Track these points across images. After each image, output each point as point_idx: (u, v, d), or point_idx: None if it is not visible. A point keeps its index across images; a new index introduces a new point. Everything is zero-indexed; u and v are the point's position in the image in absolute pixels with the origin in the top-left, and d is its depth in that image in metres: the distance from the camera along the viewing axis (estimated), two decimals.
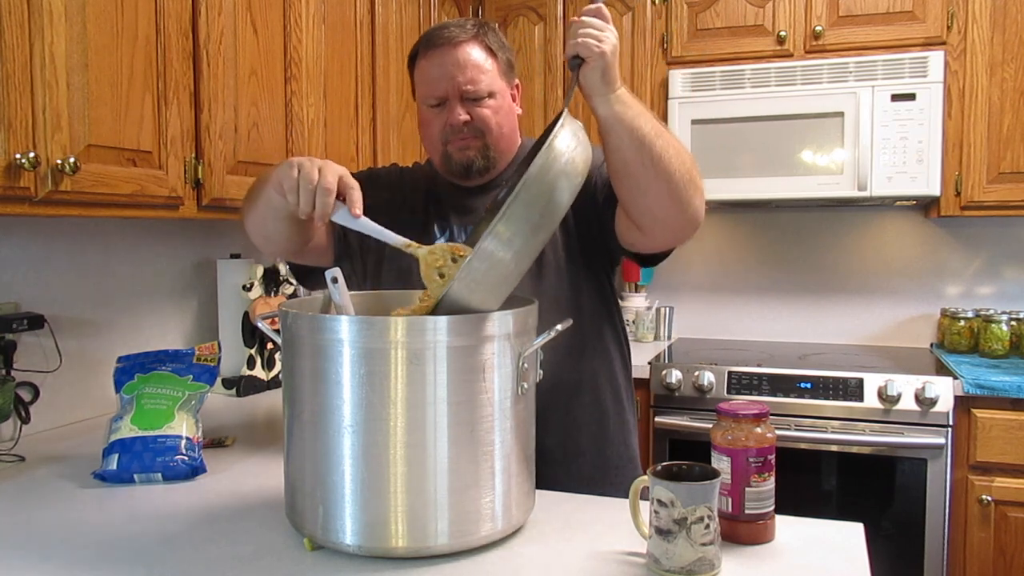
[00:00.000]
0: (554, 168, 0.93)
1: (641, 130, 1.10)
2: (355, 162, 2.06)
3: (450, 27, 1.30)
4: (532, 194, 0.92)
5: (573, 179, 0.96)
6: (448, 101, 1.28)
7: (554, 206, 0.94)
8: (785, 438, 2.20)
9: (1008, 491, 2.15)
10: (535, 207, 0.92)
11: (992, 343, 2.46)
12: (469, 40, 1.28)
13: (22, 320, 1.51)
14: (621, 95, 1.11)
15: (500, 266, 0.92)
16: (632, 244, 1.29)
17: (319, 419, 0.94)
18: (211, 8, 1.54)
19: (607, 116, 1.10)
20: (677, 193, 1.15)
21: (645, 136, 1.10)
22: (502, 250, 0.91)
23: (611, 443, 1.37)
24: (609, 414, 1.37)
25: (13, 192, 1.17)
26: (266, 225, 1.20)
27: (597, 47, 1.06)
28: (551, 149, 0.93)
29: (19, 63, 1.16)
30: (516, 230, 0.91)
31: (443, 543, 0.93)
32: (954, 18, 2.41)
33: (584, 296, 1.35)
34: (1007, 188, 2.38)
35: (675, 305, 3.06)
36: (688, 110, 2.60)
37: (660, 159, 1.11)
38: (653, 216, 1.19)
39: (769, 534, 1.00)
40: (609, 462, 1.37)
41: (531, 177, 0.91)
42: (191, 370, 1.40)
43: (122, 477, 1.25)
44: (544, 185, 0.93)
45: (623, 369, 1.42)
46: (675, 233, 1.24)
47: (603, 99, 1.10)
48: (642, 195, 1.16)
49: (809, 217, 2.92)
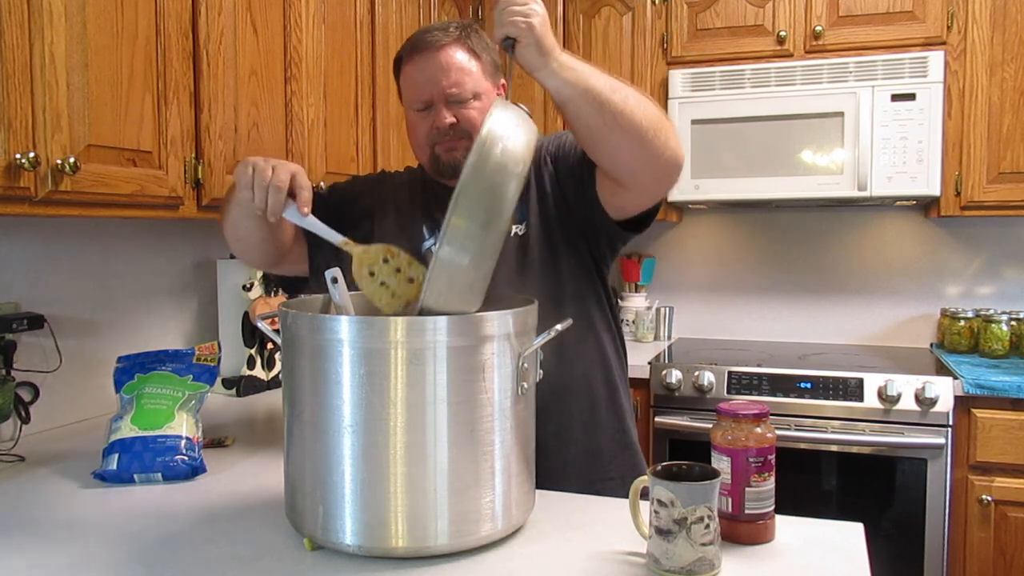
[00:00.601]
0: (489, 163, 0.92)
1: (595, 90, 1.09)
2: (355, 162, 2.06)
3: (433, 31, 1.31)
4: (472, 197, 0.91)
5: (513, 168, 0.93)
6: (434, 104, 1.29)
7: (499, 200, 0.92)
8: (785, 438, 2.20)
9: (1008, 491, 2.15)
10: (479, 208, 0.91)
11: (992, 343, 2.46)
12: (452, 43, 1.29)
13: (22, 320, 1.51)
14: (564, 61, 1.09)
15: (461, 274, 0.92)
16: (622, 207, 1.28)
17: (319, 419, 0.94)
18: (211, 8, 1.54)
19: (558, 87, 1.09)
20: (650, 141, 1.13)
21: (601, 94, 1.09)
22: (458, 257, 0.91)
23: (604, 430, 1.36)
24: (600, 400, 1.36)
25: (13, 192, 1.17)
26: (237, 225, 1.25)
27: (524, 22, 1.05)
28: (480, 145, 0.92)
29: (19, 63, 1.16)
30: (466, 235, 0.91)
31: (443, 543, 0.93)
32: (954, 18, 2.41)
33: (568, 284, 1.34)
34: (1007, 188, 2.38)
35: (675, 305, 3.06)
36: (688, 110, 2.60)
37: (623, 113, 1.10)
38: (632, 170, 1.18)
39: (769, 534, 1.00)
40: (602, 450, 1.36)
41: (465, 180, 0.90)
42: (191, 370, 1.40)
43: (122, 477, 1.25)
44: (483, 183, 0.91)
45: (615, 354, 1.40)
46: (659, 180, 1.22)
47: (547, 72, 1.08)
48: (616, 153, 1.15)
49: (809, 217, 2.92)
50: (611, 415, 1.38)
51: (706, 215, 3.05)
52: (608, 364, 1.39)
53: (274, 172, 1.08)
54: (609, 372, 1.38)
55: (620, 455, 1.38)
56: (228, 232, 1.29)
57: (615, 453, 1.38)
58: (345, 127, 2.03)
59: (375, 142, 2.15)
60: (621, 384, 1.42)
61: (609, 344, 1.39)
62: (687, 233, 3.08)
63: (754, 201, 2.62)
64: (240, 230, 1.26)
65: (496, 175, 0.92)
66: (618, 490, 1.34)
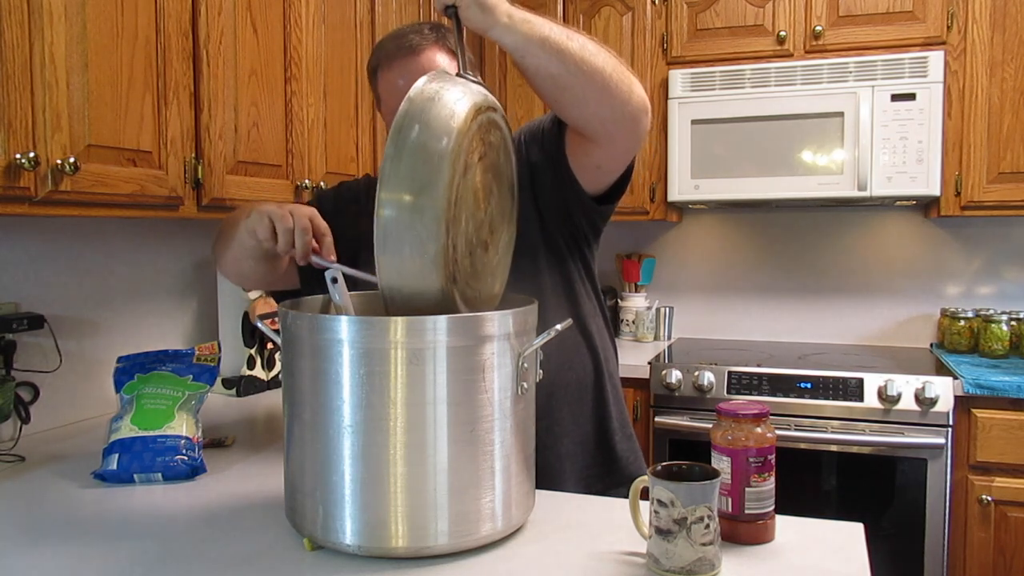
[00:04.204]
0: (412, 130, 0.91)
1: (551, 38, 1.07)
2: (355, 162, 2.06)
3: (408, 35, 1.29)
4: (392, 180, 0.91)
5: (435, 145, 0.91)
6: None
7: (427, 182, 0.91)
8: (785, 438, 2.20)
9: (1008, 491, 2.15)
10: (403, 187, 0.91)
11: (992, 343, 2.46)
12: (430, 46, 1.27)
13: (22, 320, 1.51)
14: (515, 15, 1.06)
15: (407, 268, 0.92)
16: (598, 165, 1.25)
17: (319, 419, 0.94)
18: (211, 8, 1.54)
19: (515, 41, 1.06)
20: (615, 86, 1.12)
21: (559, 42, 1.07)
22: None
23: (597, 422, 1.35)
24: (589, 392, 1.34)
25: (13, 192, 1.17)
26: (241, 265, 1.28)
27: None
28: (400, 116, 0.91)
29: (19, 63, 1.16)
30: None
31: (443, 543, 0.93)
32: (954, 18, 2.41)
33: (545, 275, 1.32)
34: (1007, 188, 2.38)
35: (675, 305, 3.06)
36: (688, 110, 2.60)
37: (584, 60, 1.08)
38: (603, 119, 1.16)
39: (769, 534, 1.00)
40: (597, 442, 1.35)
41: (385, 160, 0.91)
42: (191, 370, 1.40)
43: (122, 477, 1.25)
44: (403, 165, 0.91)
45: (599, 338, 1.38)
46: (630, 128, 1.19)
47: (500, 28, 1.05)
48: (583, 103, 1.13)
49: (809, 217, 2.92)
50: (603, 407, 1.36)
51: (706, 215, 3.05)
52: (596, 353, 1.36)
53: (294, 216, 1.10)
54: (599, 364, 1.36)
55: (620, 443, 1.37)
56: (228, 268, 1.33)
57: (615, 440, 1.36)
58: (345, 127, 2.03)
59: (375, 142, 2.15)
60: (609, 371, 1.39)
61: (597, 336, 1.37)
62: (687, 233, 3.08)
63: (754, 201, 2.62)
64: (244, 269, 1.30)
65: (416, 155, 0.91)
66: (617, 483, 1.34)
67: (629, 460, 1.38)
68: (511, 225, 1.15)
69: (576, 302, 1.36)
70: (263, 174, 1.71)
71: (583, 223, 1.35)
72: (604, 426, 1.37)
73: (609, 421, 1.37)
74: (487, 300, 1.07)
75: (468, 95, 0.96)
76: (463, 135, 0.93)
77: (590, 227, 1.37)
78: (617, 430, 1.38)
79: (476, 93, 0.98)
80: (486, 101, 0.99)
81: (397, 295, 0.94)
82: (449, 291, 0.95)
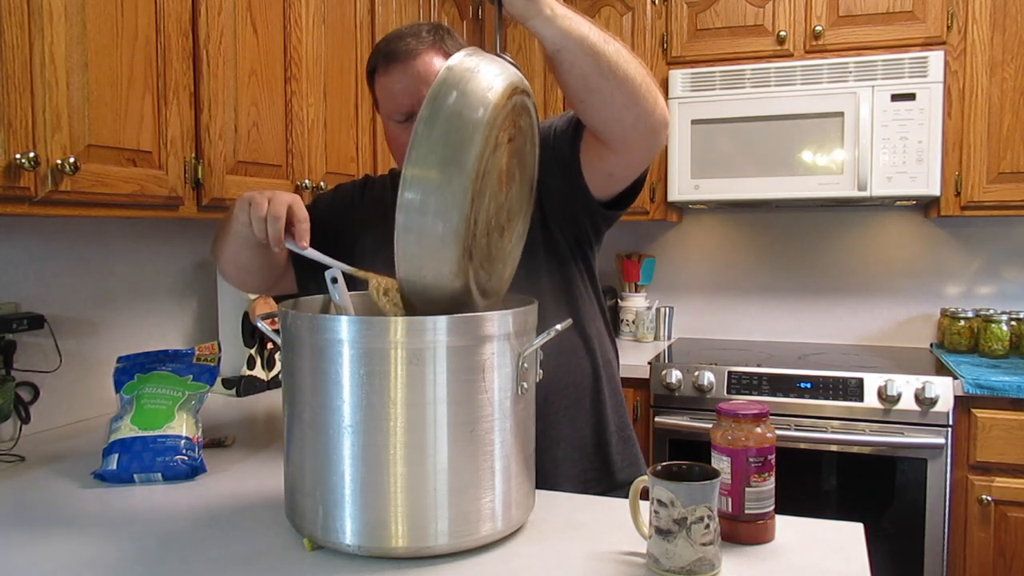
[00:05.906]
0: (442, 112, 0.89)
1: (590, 39, 1.07)
2: (355, 162, 2.06)
3: (406, 37, 1.28)
4: (423, 147, 0.89)
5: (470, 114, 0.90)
6: (415, 114, 1.27)
7: (458, 147, 0.89)
8: (785, 438, 2.20)
9: (1008, 491, 2.15)
10: (433, 156, 0.89)
11: (992, 343, 2.46)
12: (428, 49, 1.26)
13: (22, 320, 1.51)
14: (557, 9, 1.05)
15: (427, 226, 0.90)
16: (611, 173, 1.25)
17: (319, 419, 0.94)
18: (211, 8, 1.54)
19: (553, 35, 1.05)
20: (643, 96, 1.12)
21: (596, 44, 1.07)
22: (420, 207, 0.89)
23: (594, 423, 1.34)
24: (586, 393, 1.34)
25: (13, 192, 1.17)
26: (240, 257, 1.30)
27: None
28: (431, 95, 0.90)
29: (19, 63, 1.16)
30: (425, 185, 0.89)
31: (443, 543, 0.93)
32: (954, 18, 2.41)
33: (545, 276, 1.31)
34: (1007, 188, 2.38)
35: (675, 305, 3.06)
36: (688, 110, 2.60)
37: (618, 64, 1.08)
38: (625, 125, 1.16)
39: (769, 534, 1.00)
40: (595, 443, 1.34)
41: (417, 130, 0.89)
42: (191, 370, 1.40)
43: (122, 477, 1.25)
44: (436, 131, 0.89)
45: (599, 341, 1.37)
46: (650, 138, 1.19)
47: (541, 19, 1.03)
48: (610, 106, 1.13)
49: (809, 217, 2.92)
50: (600, 411, 1.35)
51: (706, 215, 3.05)
52: (595, 356, 1.35)
53: (270, 203, 1.12)
54: (597, 367, 1.35)
55: (616, 447, 1.36)
56: (226, 264, 1.34)
57: (611, 445, 1.36)
58: (345, 127, 2.03)
59: (375, 142, 2.15)
60: (609, 375, 1.38)
61: (596, 339, 1.36)
62: (687, 233, 3.08)
63: (754, 201, 2.62)
64: (241, 260, 1.31)
65: (451, 122, 0.89)
66: (612, 488, 1.34)
67: (625, 465, 1.38)
68: (525, 219, 1.15)
69: (576, 304, 1.35)
70: (263, 174, 1.71)
71: (587, 225, 1.35)
72: (601, 430, 1.36)
73: (606, 425, 1.36)
74: (494, 291, 1.07)
75: (505, 74, 0.96)
76: (499, 109, 0.92)
77: (593, 231, 1.37)
78: (614, 434, 1.37)
79: (513, 74, 0.97)
80: (521, 83, 0.99)
81: (413, 265, 0.93)
82: (464, 267, 0.93)
